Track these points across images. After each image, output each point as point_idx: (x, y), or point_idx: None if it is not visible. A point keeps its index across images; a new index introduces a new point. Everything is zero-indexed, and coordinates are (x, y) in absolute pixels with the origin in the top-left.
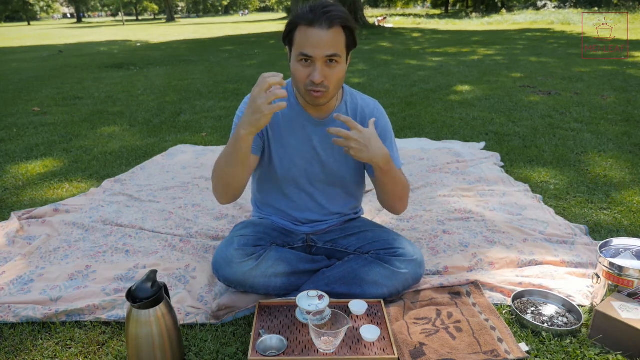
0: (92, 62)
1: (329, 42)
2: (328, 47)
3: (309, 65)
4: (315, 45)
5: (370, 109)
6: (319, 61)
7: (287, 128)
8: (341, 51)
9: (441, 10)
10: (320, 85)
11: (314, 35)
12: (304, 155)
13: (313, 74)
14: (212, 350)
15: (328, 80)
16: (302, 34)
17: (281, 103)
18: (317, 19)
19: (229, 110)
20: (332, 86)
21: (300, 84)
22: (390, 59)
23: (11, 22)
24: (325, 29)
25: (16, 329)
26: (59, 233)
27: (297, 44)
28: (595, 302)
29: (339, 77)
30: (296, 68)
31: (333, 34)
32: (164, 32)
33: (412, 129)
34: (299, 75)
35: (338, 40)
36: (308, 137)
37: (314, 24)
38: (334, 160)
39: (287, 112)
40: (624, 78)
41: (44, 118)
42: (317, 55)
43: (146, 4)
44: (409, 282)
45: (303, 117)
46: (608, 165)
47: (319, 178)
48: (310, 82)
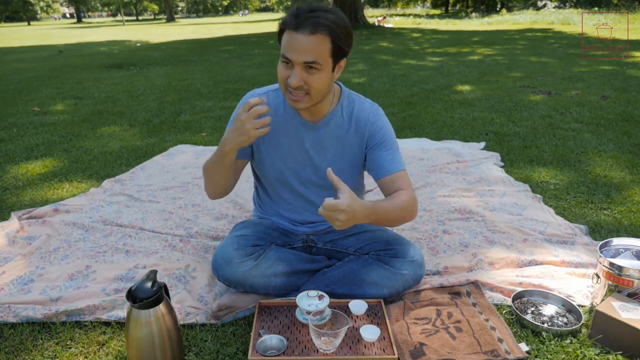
0: (92, 62)
1: (308, 48)
2: (307, 53)
3: (289, 68)
4: (295, 49)
5: (366, 114)
6: (297, 65)
7: (280, 130)
8: (323, 59)
9: (441, 10)
10: (299, 89)
11: (295, 39)
12: (296, 158)
13: (291, 77)
14: (212, 350)
15: (308, 84)
16: (286, 36)
17: (265, 126)
18: (300, 24)
19: (229, 110)
20: (313, 91)
21: (281, 84)
22: (390, 59)
23: (11, 22)
24: (307, 34)
25: (16, 329)
26: (59, 233)
27: (282, 46)
28: (595, 302)
29: (320, 83)
30: (279, 68)
31: (315, 40)
32: (164, 32)
33: (412, 129)
34: (280, 75)
35: (320, 47)
36: (300, 140)
37: (297, 29)
38: (326, 164)
39: (281, 115)
40: (624, 78)
41: (44, 118)
42: (296, 60)
43: (146, 4)
44: (409, 282)
45: (296, 120)
46: (608, 165)
47: (311, 181)
48: (288, 83)
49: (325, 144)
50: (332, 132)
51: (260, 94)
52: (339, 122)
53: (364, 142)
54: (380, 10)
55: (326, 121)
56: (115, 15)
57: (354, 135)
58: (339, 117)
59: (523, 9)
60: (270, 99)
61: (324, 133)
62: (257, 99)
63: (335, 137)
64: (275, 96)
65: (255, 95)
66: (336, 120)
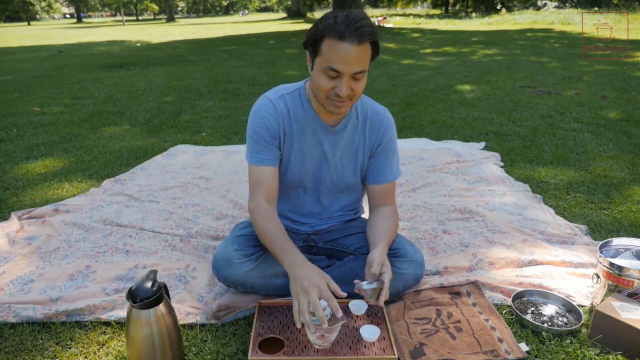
0: (92, 62)
1: (358, 58)
2: (357, 63)
3: (334, 78)
4: (345, 61)
5: (379, 117)
6: (346, 76)
7: (299, 133)
8: (367, 66)
9: (441, 10)
10: (345, 97)
11: (344, 50)
12: (314, 161)
13: (340, 87)
14: (212, 350)
15: (353, 92)
16: (330, 46)
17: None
18: (349, 34)
19: (229, 110)
20: (356, 97)
21: (322, 93)
22: (390, 59)
23: (11, 22)
24: (356, 45)
25: (16, 329)
26: (59, 233)
27: (324, 55)
28: (595, 302)
29: (362, 89)
30: (320, 78)
31: (362, 50)
32: (164, 32)
33: (412, 129)
34: (323, 86)
35: (366, 56)
36: (319, 143)
37: (344, 39)
38: (342, 167)
39: (301, 117)
40: (624, 78)
41: (44, 118)
42: (346, 72)
43: (146, 4)
44: (409, 282)
45: (315, 123)
46: (608, 165)
47: (326, 184)
48: (335, 94)
49: (341, 145)
50: (348, 134)
51: (274, 99)
52: (355, 124)
53: (373, 145)
54: (380, 10)
55: (344, 124)
56: (115, 15)
57: (366, 137)
58: (354, 119)
59: (523, 9)
60: (287, 103)
61: (342, 135)
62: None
63: (350, 139)
64: (291, 99)
65: (269, 101)
66: (352, 123)
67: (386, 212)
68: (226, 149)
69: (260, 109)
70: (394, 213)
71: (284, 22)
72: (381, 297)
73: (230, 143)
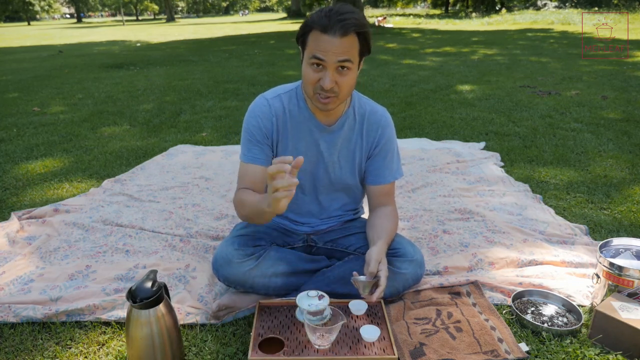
0: (92, 62)
1: (341, 48)
2: (340, 53)
3: (320, 70)
4: (327, 50)
5: (377, 117)
6: (330, 67)
7: (295, 133)
8: (353, 57)
9: (441, 10)
10: (330, 91)
11: (326, 41)
12: (310, 160)
13: (323, 79)
14: (212, 350)
15: (338, 86)
16: (314, 38)
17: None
18: (331, 26)
19: (228, 110)
20: (342, 92)
21: (309, 86)
22: (390, 59)
23: (11, 22)
24: (339, 37)
25: (16, 329)
26: (59, 233)
27: (310, 47)
28: (595, 302)
29: (349, 83)
30: (307, 71)
31: (346, 42)
32: (164, 32)
33: (412, 129)
34: (309, 78)
35: (351, 47)
36: (315, 142)
37: (327, 31)
38: (339, 166)
39: (296, 116)
40: (624, 78)
41: (44, 118)
42: (329, 60)
43: (146, 4)
44: (409, 282)
45: (311, 122)
46: (608, 165)
47: (323, 183)
48: (320, 87)
49: (338, 145)
50: (345, 133)
51: (271, 98)
52: (352, 124)
53: (370, 146)
54: (380, 10)
55: (340, 124)
56: (115, 15)
57: (364, 137)
58: (351, 119)
59: (523, 9)
60: (283, 102)
61: (338, 135)
62: (275, 166)
63: (347, 139)
64: (288, 98)
65: (265, 100)
66: (349, 123)
67: (386, 212)
68: (226, 149)
69: (255, 108)
70: (394, 213)
71: (284, 22)
72: (375, 293)
73: (230, 143)
